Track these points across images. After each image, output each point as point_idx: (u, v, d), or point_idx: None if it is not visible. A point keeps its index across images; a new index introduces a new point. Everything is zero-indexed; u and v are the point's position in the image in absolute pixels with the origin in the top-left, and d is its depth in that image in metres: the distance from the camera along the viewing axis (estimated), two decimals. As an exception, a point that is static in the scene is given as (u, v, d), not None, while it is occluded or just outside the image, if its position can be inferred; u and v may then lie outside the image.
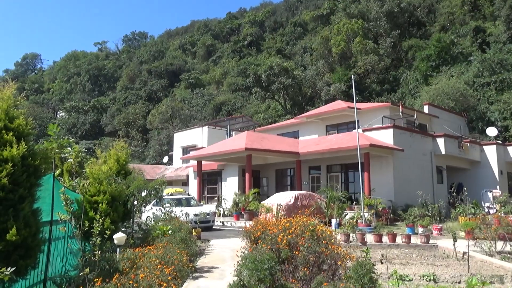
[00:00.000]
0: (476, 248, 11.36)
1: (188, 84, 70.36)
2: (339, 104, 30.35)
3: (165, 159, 43.71)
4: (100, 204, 8.66)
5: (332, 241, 6.84)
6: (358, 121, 19.75)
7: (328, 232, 7.24)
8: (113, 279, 4.92)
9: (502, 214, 15.78)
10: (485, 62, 35.73)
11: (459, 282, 8.52)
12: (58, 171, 11.48)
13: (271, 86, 48.13)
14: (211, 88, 68.85)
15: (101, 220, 6.22)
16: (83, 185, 7.42)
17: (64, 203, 5.76)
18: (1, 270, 3.56)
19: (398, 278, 8.23)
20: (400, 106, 26.38)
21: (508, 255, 10.85)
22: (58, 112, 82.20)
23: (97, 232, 5.87)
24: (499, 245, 11.48)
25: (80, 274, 5.28)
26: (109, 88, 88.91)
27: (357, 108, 19.92)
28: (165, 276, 5.47)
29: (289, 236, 6.70)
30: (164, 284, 5.12)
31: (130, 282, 4.61)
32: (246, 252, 7.64)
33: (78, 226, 6.01)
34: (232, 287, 3.94)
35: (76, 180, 14.27)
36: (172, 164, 40.56)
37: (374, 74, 46.33)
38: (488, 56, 36.04)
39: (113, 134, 64.76)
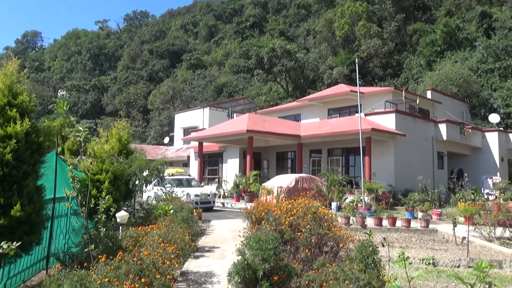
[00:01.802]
0: (475, 233, 11.43)
1: (190, 65, 69.87)
2: (342, 87, 30.17)
3: (166, 139, 43.72)
4: (103, 183, 8.70)
5: (334, 223, 6.88)
6: (360, 105, 19.63)
7: (330, 215, 7.27)
8: (117, 256, 4.95)
9: (501, 201, 15.82)
10: (489, 48, 35.38)
11: (458, 266, 8.59)
12: (59, 149, 11.47)
13: (273, 68, 47.78)
14: (213, 70, 68.40)
15: (106, 198, 6.22)
16: (91, 162, 7.40)
17: (71, 180, 5.76)
18: (8, 244, 3.58)
19: (399, 261, 8.30)
20: (403, 91, 26.22)
21: (507, 241, 10.92)
22: (59, 91, 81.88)
23: (103, 210, 5.89)
24: (498, 231, 11.56)
25: (85, 250, 5.30)
26: (110, 68, 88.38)
27: (359, 92, 19.80)
28: (168, 255, 5.51)
29: (291, 218, 6.72)
30: (167, 262, 5.16)
31: (134, 259, 4.64)
32: (248, 232, 7.68)
33: (82, 203, 6.01)
34: (236, 266, 3.96)
35: (77, 159, 14.28)
36: (173, 145, 40.60)
37: (378, 58, 45.93)
38: (493, 42, 35.67)
39: (114, 114, 64.65)
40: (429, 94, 29.03)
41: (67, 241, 8.16)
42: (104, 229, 5.86)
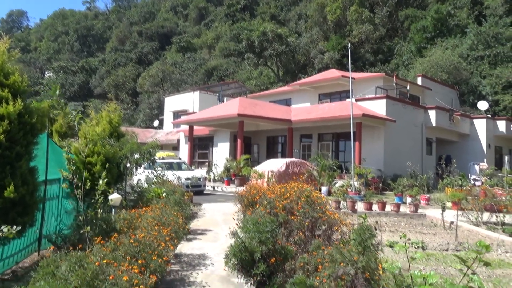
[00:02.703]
0: (463, 218, 11.64)
1: (180, 47, 69.03)
2: (333, 72, 30.15)
3: (156, 123, 43.44)
4: (95, 165, 8.63)
5: (327, 207, 6.94)
6: (352, 90, 19.67)
7: (323, 199, 7.33)
8: (112, 238, 4.94)
9: (488, 187, 16.11)
10: (480, 35, 35.53)
11: (447, 250, 8.76)
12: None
13: (264, 52, 47.44)
14: (203, 53, 67.71)
15: (100, 180, 6.18)
16: (86, 145, 7.33)
17: (67, 161, 5.70)
18: (7, 228, 3.55)
19: (390, 245, 8.43)
20: (394, 77, 26.30)
21: (494, 225, 11.15)
22: (46, 72, 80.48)
23: (100, 192, 5.86)
24: (485, 216, 11.77)
25: (81, 231, 5.28)
26: (98, 49, 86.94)
27: (351, 78, 19.82)
28: (163, 237, 5.52)
29: (285, 201, 6.77)
30: (163, 244, 5.17)
31: (130, 241, 4.64)
32: (242, 215, 7.73)
33: (78, 185, 5.97)
34: (233, 248, 3.98)
35: (67, 141, 14.11)
36: (162, 128, 40.36)
37: (369, 44, 45.84)
38: (483, 29, 35.80)
39: (102, 96, 63.87)
40: (419, 81, 29.17)
41: (59, 223, 8.13)
42: (101, 210, 5.83)
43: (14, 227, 3.66)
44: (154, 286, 4.75)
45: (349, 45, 20.94)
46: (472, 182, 21.03)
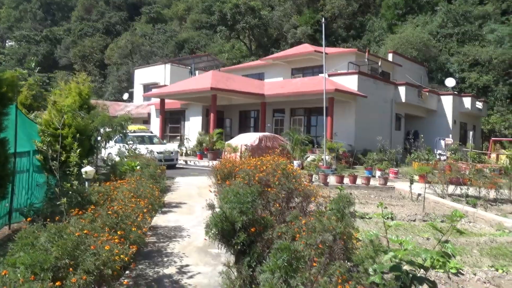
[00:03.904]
0: (429, 190, 12.11)
1: (149, 18, 66.96)
2: (306, 47, 30.10)
3: (125, 96, 42.45)
4: (65, 138, 8.41)
5: (302, 179, 7.07)
6: (324, 65, 19.75)
7: (298, 171, 7.45)
8: (89, 210, 4.88)
9: (453, 161, 16.77)
10: (450, 13, 36.15)
11: (414, 220, 9.13)
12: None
13: (236, 25, 46.75)
14: (174, 24, 65.98)
15: (77, 151, 6.03)
16: (60, 115, 7.11)
17: (41, 133, 5.53)
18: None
19: (361, 216, 8.69)
20: (366, 53, 26.54)
21: (458, 197, 11.67)
22: (7, 41, 76.64)
23: (74, 163, 5.73)
24: (451, 188, 12.30)
25: (57, 203, 5.19)
26: (63, 18, 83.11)
27: (324, 53, 19.88)
28: (141, 209, 5.50)
29: (261, 174, 6.84)
30: (141, 215, 5.16)
31: (108, 212, 4.60)
32: (218, 188, 7.77)
33: (53, 157, 5.82)
34: (214, 218, 4.02)
35: (34, 114, 13.65)
36: (132, 102, 39.52)
37: (341, 19, 45.88)
38: (453, 7, 36.44)
39: (68, 67, 61.55)
40: (390, 57, 29.56)
41: (30, 197, 7.95)
42: (77, 182, 5.72)
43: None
44: (133, 258, 4.77)
45: (323, 19, 20.90)
46: (438, 156, 21.81)
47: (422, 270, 2.83)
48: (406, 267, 2.99)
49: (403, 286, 2.65)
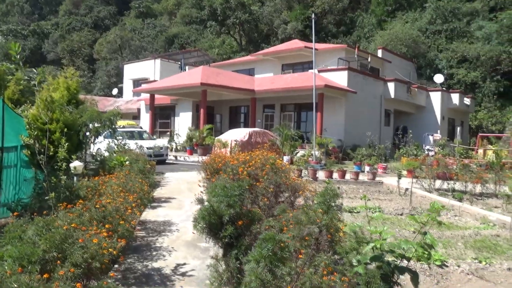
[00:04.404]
0: (417, 185, 12.28)
1: (139, 13, 66.37)
2: (296, 43, 30.14)
3: (115, 91, 42.13)
4: (54, 133, 8.37)
5: (290, 173, 7.14)
6: (314, 61, 19.82)
7: (287, 166, 7.53)
8: (77, 204, 4.89)
9: (440, 156, 16.98)
10: (438, 9, 36.43)
11: (401, 214, 9.26)
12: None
13: (226, 20, 46.59)
14: (163, 19, 65.51)
15: (66, 145, 6.01)
16: (48, 109, 7.06)
17: (27, 126, 5.50)
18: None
19: (349, 211, 8.79)
20: (356, 49, 26.67)
21: (445, 192, 11.84)
22: (-7, 36, 75.43)
23: (62, 158, 5.71)
24: (438, 183, 12.47)
25: (46, 198, 5.18)
26: (51, 12, 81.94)
27: (314, 49, 19.94)
28: (129, 203, 5.52)
29: (249, 168, 6.90)
30: (129, 209, 5.18)
31: (96, 206, 4.61)
32: (208, 183, 7.81)
33: (41, 151, 5.80)
34: (202, 211, 4.06)
35: (21, 108, 13.50)
36: (122, 97, 39.25)
37: (331, 15, 45.95)
38: (442, 3, 36.71)
39: (56, 62, 60.82)
40: (379, 53, 29.73)
41: (18, 192, 7.90)
42: (65, 177, 5.72)
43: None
44: (121, 251, 4.79)
45: (313, 15, 20.94)
46: (426, 152, 22.04)
47: (404, 260, 2.91)
48: (391, 259, 3.07)
49: (385, 276, 2.72)
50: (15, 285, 2.74)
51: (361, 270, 2.77)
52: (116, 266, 4.97)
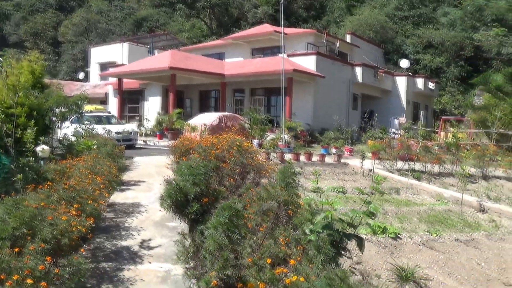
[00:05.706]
0: (380, 166, 12.82)
1: (105, -6, 64.48)
2: (266, 27, 30.21)
3: (81, 75, 41.15)
4: (19, 117, 8.29)
5: (257, 155, 7.39)
6: (283, 46, 20.02)
7: (253, 148, 7.77)
8: (45, 186, 4.97)
9: (404, 139, 17.63)
10: (406, -5, 37.21)
11: (363, 193, 9.70)
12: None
13: (196, 3, 46.01)
14: (131, 1, 63.89)
15: (35, 129, 6.03)
16: (15, 93, 7.01)
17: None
18: None
19: (313, 191, 9.13)
20: (325, 34, 27.01)
21: (406, 172, 12.42)
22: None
23: (31, 140, 5.75)
24: (400, 164, 13.05)
25: (13, 179, 5.23)
26: (12, -8, 78.52)
27: (283, 33, 20.11)
28: (97, 185, 5.63)
29: (217, 151, 7.09)
30: (98, 190, 5.30)
31: (64, 187, 4.71)
32: (175, 165, 7.97)
33: (8, 134, 5.81)
34: (168, 190, 4.25)
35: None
36: (89, 81, 38.42)
37: (302, 0, 46.08)
38: (409, -11, 37.48)
39: (19, 45, 58.50)
40: (348, 38, 30.19)
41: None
42: (33, 158, 5.76)
43: None
44: (90, 232, 4.93)
45: (282, 0, 21.04)
46: (392, 135, 22.78)
47: (352, 228, 3.21)
48: (341, 228, 3.36)
49: (334, 242, 3.01)
50: (-14, 260, 2.87)
51: (313, 238, 3.05)
52: (85, 245, 5.12)
